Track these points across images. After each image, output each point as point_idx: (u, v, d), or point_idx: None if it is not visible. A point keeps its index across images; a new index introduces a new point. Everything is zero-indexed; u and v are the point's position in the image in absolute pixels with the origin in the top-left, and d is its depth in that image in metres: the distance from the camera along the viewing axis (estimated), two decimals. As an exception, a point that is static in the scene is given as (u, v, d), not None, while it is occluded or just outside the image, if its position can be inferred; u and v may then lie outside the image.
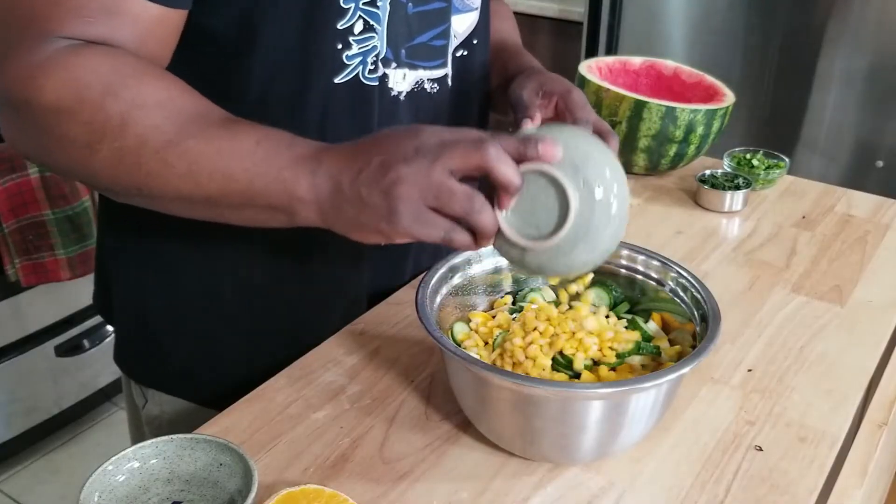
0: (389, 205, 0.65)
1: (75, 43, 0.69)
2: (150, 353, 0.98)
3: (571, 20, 2.36)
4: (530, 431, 0.72)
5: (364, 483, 0.73)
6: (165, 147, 0.69)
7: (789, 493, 0.73)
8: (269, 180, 0.69)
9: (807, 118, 2.03)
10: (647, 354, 0.79)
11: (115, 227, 0.94)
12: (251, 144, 0.70)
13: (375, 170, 0.66)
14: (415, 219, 0.65)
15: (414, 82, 0.90)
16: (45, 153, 0.73)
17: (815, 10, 1.95)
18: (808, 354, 0.91)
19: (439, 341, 0.71)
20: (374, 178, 0.66)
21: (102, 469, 0.67)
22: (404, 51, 0.87)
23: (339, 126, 0.85)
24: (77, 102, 0.69)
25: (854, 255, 1.11)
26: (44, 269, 1.92)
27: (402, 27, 0.86)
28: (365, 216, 0.67)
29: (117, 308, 0.98)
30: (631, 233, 1.14)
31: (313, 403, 0.83)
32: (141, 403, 1.01)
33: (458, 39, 0.94)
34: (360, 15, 0.81)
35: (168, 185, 0.71)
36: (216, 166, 0.69)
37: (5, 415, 2.04)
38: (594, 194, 0.65)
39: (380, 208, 0.66)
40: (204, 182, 0.70)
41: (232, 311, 0.93)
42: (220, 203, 0.72)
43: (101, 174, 0.72)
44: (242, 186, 0.70)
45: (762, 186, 1.27)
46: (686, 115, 1.21)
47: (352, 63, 0.83)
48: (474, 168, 0.64)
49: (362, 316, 0.96)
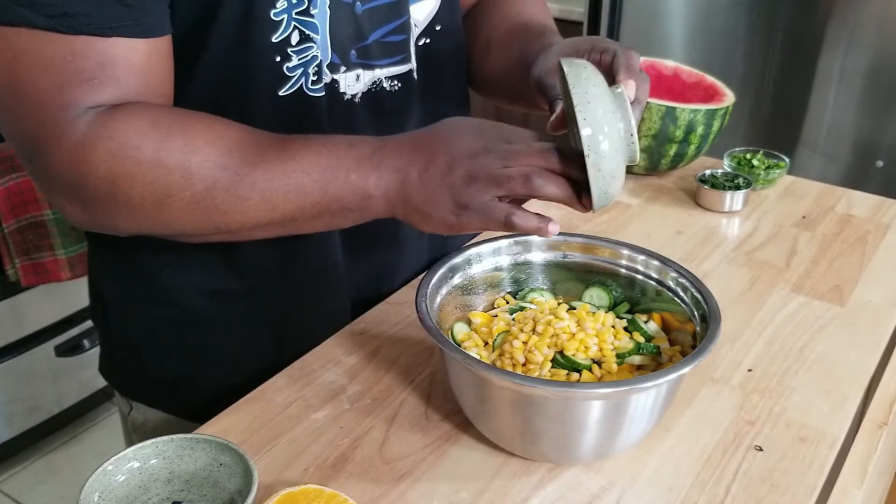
0: (458, 202, 0.70)
1: (101, 109, 0.70)
2: (133, 365, 0.97)
3: (571, 20, 2.36)
4: (530, 431, 0.72)
5: (364, 483, 0.73)
6: (234, 183, 0.71)
7: (789, 493, 0.73)
8: (340, 184, 0.72)
9: (807, 118, 2.03)
10: (647, 354, 0.79)
11: (96, 240, 0.94)
12: (313, 156, 0.73)
13: (443, 168, 0.70)
14: (480, 213, 0.70)
15: (370, 83, 0.88)
16: (114, 221, 0.74)
17: (815, 10, 1.95)
18: (808, 354, 0.91)
19: (439, 341, 0.71)
20: (441, 175, 0.70)
21: (102, 469, 0.67)
22: (354, 52, 0.85)
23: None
24: (134, 165, 0.70)
25: (854, 255, 1.11)
26: (44, 269, 1.92)
27: (348, 28, 0.84)
28: (432, 209, 0.71)
29: (100, 319, 0.98)
30: (631, 233, 1.15)
31: (313, 403, 0.83)
32: (126, 411, 1.01)
33: (418, 28, 0.92)
34: (295, 26, 0.79)
35: (246, 217, 0.73)
36: (288, 186, 0.72)
37: (5, 415, 2.04)
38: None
39: (447, 204, 0.70)
40: (280, 204, 0.73)
41: (212, 324, 0.92)
42: (297, 218, 0.74)
43: (176, 224, 0.74)
44: (317, 198, 0.73)
45: (762, 186, 1.27)
46: (686, 115, 1.21)
47: (294, 74, 0.81)
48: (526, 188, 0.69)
49: (362, 316, 0.96)
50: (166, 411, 0.97)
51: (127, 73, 0.71)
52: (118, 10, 0.68)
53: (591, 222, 1.17)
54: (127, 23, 0.69)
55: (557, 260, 0.87)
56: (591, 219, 1.18)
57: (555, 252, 0.87)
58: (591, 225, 1.17)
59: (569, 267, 0.87)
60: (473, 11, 1.05)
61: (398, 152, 0.72)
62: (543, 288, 0.88)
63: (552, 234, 0.71)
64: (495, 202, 0.70)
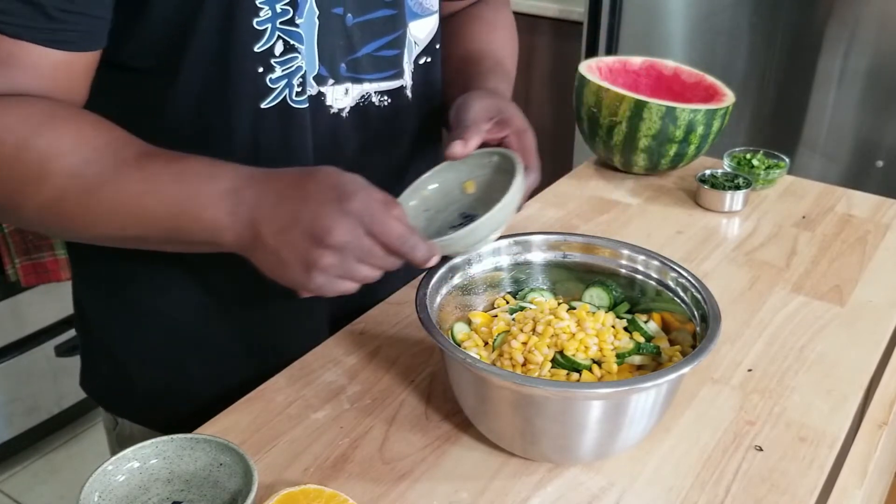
0: (308, 271, 0.68)
1: None
2: (117, 380, 0.96)
3: (571, 20, 2.36)
4: (530, 431, 0.72)
5: (364, 483, 0.73)
6: (86, 195, 0.70)
7: (789, 493, 0.73)
8: (191, 220, 0.70)
9: (807, 118, 2.03)
10: (647, 354, 0.79)
11: (76, 251, 0.93)
12: (169, 183, 0.70)
13: (298, 236, 0.68)
14: (326, 284, 0.69)
15: (359, 97, 0.86)
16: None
17: (815, 10, 1.95)
18: (808, 354, 0.91)
19: (439, 341, 0.71)
20: (295, 242, 0.68)
21: (102, 469, 0.67)
22: (344, 65, 0.84)
23: (271, 151, 0.82)
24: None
25: (854, 255, 1.11)
26: (44, 269, 1.92)
27: (339, 40, 0.82)
28: (281, 271, 0.70)
29: (83, 330, 0.97)
30: (631, 233, 1.15)
31: (313, 403, 0.83)
32: (111, 426, 1.00)
33: (419, 46, 0.90)
34: (280, 35, 0.77)
35: (95, 229, 0.72)
36: (137, 209, 0.70)
37: (5, 415, 2.04)
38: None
39: (297, 270, 0.69)
40: (129, 224, 0.71)
41: (195, 338, 0.91)
42: (147, 240, 0.73)
43: (31, 223, 0.74)
44: (166, 226, 0.71)
45: (762, 186, 1.27)
46: (686, 115, 1.21)
47: (277, 86, 0.79)
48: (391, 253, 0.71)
49: (362, 316, 0.96)
50: (150, 426, 0.95)
51: (29, 78, 0.69)
52: (36, 17, 0.67)
53: (591, 222, 1.17)
54: (42, 30, 0.68)
55: (557, 260, 0.87)
56: (592, 219, 1.18)
57: (555, 252, 0.87)
58: (592, 225, 1.17)
59: (569, 267, 0.87)
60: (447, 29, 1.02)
61: (258, 200, 0.69)
62: (543, 288, 0.88)
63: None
64: (343, 281, 0.70)
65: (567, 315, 0.79)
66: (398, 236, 0.69)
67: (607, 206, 1.22)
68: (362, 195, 0.69)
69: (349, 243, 0.68)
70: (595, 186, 1.28)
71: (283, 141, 0.82)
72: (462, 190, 0.85)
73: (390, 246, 0.70)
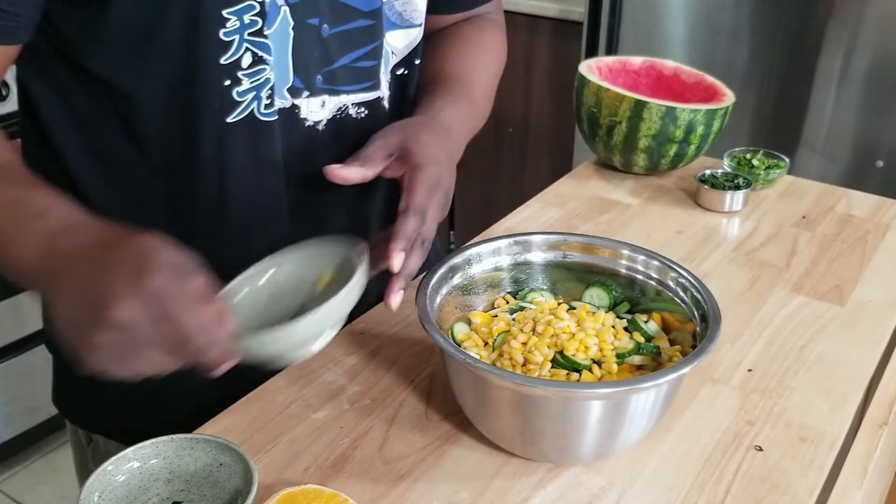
0: (85, 346, 0.61)
1: None
2: (89, 394, 0.93)
3: (571, 20, 2.36)
4: (530, 431, 0.72)
5: (364, 483, 0.73)
6: None
7: (789, 493, 0.73)
8: (9, 252, 0.65)
9: (807, 118, 2.03)
10: (647, 354, 0.79)
11: None
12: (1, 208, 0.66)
13: (82, 304, 0.60)
14: (107, 363, 0.62)
15: (336, 109, 0.84)
16: None
17: (815, 10, 1.95)
18: (808, 354, 0.91)
19: (439, 341, 0.71)
20: (77, 310, 0.60)
21: (102, 469, 0.67)
22: (320, 76, 0.82)
23: (238, 166, 0.80)
24: None
25: (854, 255, 1.11)
26: (44, 269, 1.91)
27: (314, 52, 0.80)
28: (68, 336, 0.62)
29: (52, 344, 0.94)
30: (631, 233, 1.15)
31: (313, 403, 0.83)
32: (86, 442, 0.98)
33: (396, 57, 0.89)
34: (247, 47, 0.75)
35: None
36: None
37: (5, 415, 2.05)
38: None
39: (78, 341, 0.61)
40: None
41: None
42: None
43: None
44: None
45: (762, 186, 1.27)
46: (686, 115, 1.21)
47: (244, 100, 0.77)
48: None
49: (362, 316, 0.96)
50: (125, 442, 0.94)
51: None
52: None
53: (591, 222, 1.17)
54: None
55: (557, 260, 0.87)
56: (592, 219, 1.18)
57: (555, 252, 0.87)
58: (591, 225, 1.17)
59: (569, 267, 0.87)
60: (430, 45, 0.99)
61: (68, 251, 0.63)
62: (543, 288, 0.88)
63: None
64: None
65: (567, 315, 0.79)
66: (195, 328, 0.59)
67: (607, 206, 1.22)
68: (167, 274, 0.59)
69: (136, 323, 0.58)
70: (595, 186, 1.28)
71: (250, 155, 0.80)
72: (318, 280, 0.77)
73: (180, 337, 0.59)
